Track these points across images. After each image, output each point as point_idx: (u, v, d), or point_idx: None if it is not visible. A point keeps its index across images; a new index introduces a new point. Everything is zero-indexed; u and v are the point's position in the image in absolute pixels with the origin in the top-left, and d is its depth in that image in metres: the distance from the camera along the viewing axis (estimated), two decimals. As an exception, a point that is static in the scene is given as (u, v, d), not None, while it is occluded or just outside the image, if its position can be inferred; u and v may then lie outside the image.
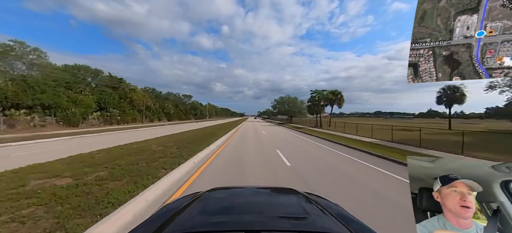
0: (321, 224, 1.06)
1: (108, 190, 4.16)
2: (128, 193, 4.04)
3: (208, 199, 1.43)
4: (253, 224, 1.00)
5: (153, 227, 0.99)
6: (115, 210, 3.36)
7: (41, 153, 9.38)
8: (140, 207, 3.63)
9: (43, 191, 4.09)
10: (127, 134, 19.26)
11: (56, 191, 4.11)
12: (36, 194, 3.96)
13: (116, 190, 4.16)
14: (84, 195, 3.95)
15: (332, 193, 4.52)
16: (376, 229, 1.09)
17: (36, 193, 4.02)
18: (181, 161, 7.00)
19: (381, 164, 7.98)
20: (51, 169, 5.91)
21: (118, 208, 3.43)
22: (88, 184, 4.57)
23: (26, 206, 3.46)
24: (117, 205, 3.53)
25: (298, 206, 1.29)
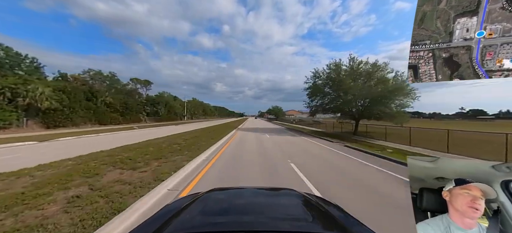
0: (321, 225, 1.06)
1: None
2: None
3: (208, 199, 1.43)
4: (253, 225, 1.00)
5: (154, 227, 1.00)
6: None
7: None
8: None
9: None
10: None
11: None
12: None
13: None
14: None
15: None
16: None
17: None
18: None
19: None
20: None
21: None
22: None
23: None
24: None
25: (298, 207, 1.29)
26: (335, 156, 9.29)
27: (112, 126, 29.59)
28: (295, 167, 6.90)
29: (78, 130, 22.04)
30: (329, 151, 10.77)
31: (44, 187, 4.34)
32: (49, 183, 4.60)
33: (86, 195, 3.97)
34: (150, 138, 13.92)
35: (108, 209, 3.35)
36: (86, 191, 4.22)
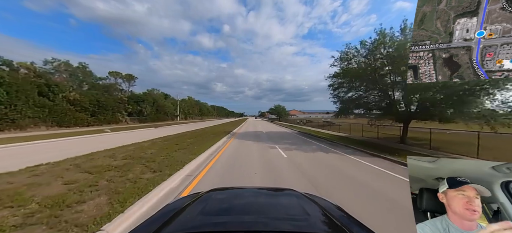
0: (321, 225, 1.06)
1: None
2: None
3: (209, 199, 1.43)
4: (254, 225, 1.00)
5: (154, 227, 1.00)
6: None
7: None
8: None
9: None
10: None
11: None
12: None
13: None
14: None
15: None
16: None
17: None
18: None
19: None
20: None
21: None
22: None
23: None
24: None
25: (298, 207, 1.28)
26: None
27: (76, 129, 22.83)
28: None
29: (10, 136, 14.49)
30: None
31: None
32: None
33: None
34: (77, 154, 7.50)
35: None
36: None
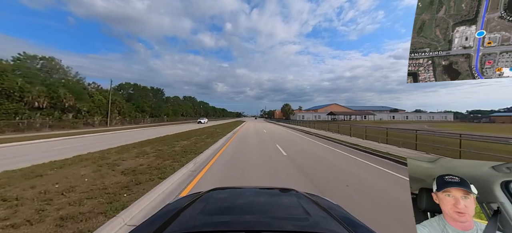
0: (322, 225, 1.06)
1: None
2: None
3: (209, 199, 1.42)
4: (254, 225, 1.00)
5: (154, 227, 0.99)
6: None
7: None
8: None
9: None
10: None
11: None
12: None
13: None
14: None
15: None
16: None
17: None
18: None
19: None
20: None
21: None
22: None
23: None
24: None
25: (299, 206, 1.28)
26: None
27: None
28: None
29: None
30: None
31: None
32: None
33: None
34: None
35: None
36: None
